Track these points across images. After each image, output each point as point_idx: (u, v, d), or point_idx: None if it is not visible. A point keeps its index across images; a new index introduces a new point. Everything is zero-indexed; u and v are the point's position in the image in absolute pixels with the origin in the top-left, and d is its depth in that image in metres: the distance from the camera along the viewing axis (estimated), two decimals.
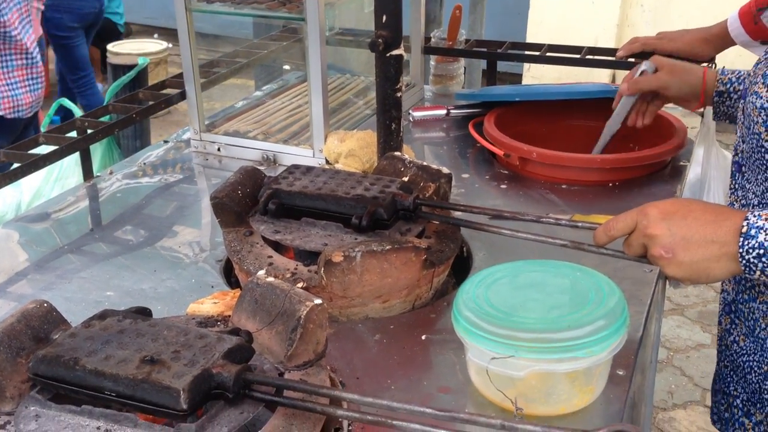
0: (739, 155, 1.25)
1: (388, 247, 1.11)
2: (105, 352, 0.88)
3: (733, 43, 1.79)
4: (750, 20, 1.73)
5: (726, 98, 1.47)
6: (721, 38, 1.79)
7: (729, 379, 1.32)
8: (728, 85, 1.46)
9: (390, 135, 1.44)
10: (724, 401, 1.34)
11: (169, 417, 0.84)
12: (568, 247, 1.14)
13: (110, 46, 5.02)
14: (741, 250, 0.95)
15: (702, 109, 1.57)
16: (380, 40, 1.34)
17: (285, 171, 1.31)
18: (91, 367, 0.86)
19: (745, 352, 1.26)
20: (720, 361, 1.36)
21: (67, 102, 2.36)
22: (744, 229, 0.94)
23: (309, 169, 1.32)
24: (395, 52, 1.37)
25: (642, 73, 1.56)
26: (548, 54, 2.01)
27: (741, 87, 1.43)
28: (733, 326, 1.29)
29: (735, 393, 1.30)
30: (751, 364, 1.24)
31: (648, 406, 2.01)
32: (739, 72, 1.48)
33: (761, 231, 0.93)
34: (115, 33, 5.57)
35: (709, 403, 1.51)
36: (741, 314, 1.26)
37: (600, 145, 1.68)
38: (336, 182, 1.26)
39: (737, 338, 1.28)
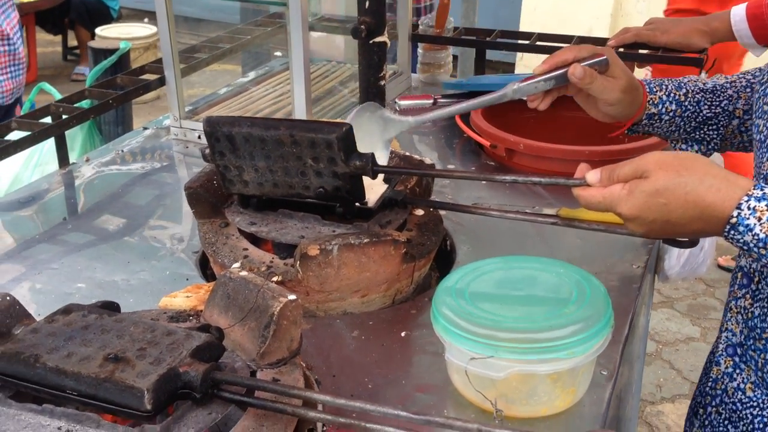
0: None
1: (365, 240, 1.07)
2: (67, 349, 0.84)
3: (729, 39, 1.75)
4: (760, 24, 1.66)
5: (656, 120, 1.27)
6: (720, 32, 1.74)
7: (722, 428, 1.15)
8: (660, 106, 1.27)
9: None
10: None
11: (133, 418, 0.80)
12: (558, 225, 1.12)
13: (99, 30, 4.96)
14: (726, 235, 0.89)
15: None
16: (363, 26, 1.31)
17: None
18: (52, 364, 0.82)
19: (755, 404, 1.09)
20: (709, 404, 1.18)
21: (47, 86, 2.31)
22: (734, 220, 0.88)
23: None
24: (378, 39, 1.34)
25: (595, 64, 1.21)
26: (538, 43, 1.97)
27: (672, 107, 1.26)
28: (737, 371, 1.12)
29: None
30: (764, 419, 1.08)
31: (635, 400, 1.99)
32: (662, 83, 1.28)
33: (748, 231, 0.88)
34: (107, 17, 5.50)
35: None
36: (751, 361, 1.10)
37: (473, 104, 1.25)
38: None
39: (742, 386, 1.11)
